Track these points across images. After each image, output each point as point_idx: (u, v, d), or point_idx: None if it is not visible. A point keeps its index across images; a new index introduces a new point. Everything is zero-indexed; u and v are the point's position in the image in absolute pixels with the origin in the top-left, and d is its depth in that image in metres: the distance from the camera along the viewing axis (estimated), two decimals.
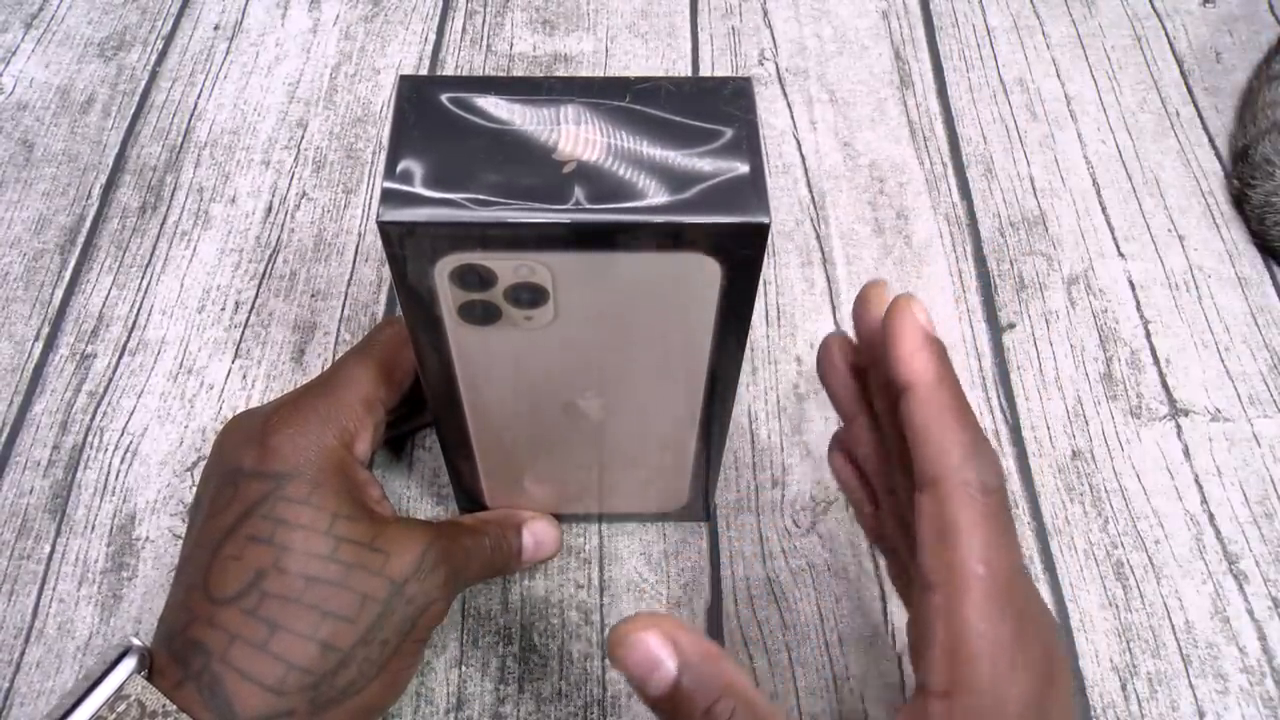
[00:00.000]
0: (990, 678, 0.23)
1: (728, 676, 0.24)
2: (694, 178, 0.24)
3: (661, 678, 0.24)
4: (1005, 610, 0.23)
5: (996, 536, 0.23)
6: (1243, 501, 0.39)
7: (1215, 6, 0.56)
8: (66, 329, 0.43)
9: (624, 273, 0.25)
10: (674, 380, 0.29)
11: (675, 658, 0.24)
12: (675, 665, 0.24)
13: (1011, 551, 0.24)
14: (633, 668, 0.24)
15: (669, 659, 0.24)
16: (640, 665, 0.24)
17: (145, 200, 0.47)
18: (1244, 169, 0.47)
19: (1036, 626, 0.24)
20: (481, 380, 0.29)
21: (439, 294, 0.25)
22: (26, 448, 0.40)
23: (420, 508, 0.38)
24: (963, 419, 0.24)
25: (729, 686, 0.24)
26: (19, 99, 0.51)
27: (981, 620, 0.23)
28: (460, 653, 0.35)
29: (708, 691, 0.24)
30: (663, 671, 0.24)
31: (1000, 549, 0.23)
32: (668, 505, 0.37)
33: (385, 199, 0.24)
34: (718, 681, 0.24)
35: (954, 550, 0.23)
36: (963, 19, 0.56)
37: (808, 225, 0.47)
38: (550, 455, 0.33)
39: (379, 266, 0.45)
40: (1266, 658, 0.36)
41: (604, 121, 0.25)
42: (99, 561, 0.37)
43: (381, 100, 0.51)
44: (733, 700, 0.23)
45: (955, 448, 0.24)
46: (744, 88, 0.26)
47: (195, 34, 0.54)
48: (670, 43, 0.54)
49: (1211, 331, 0.44)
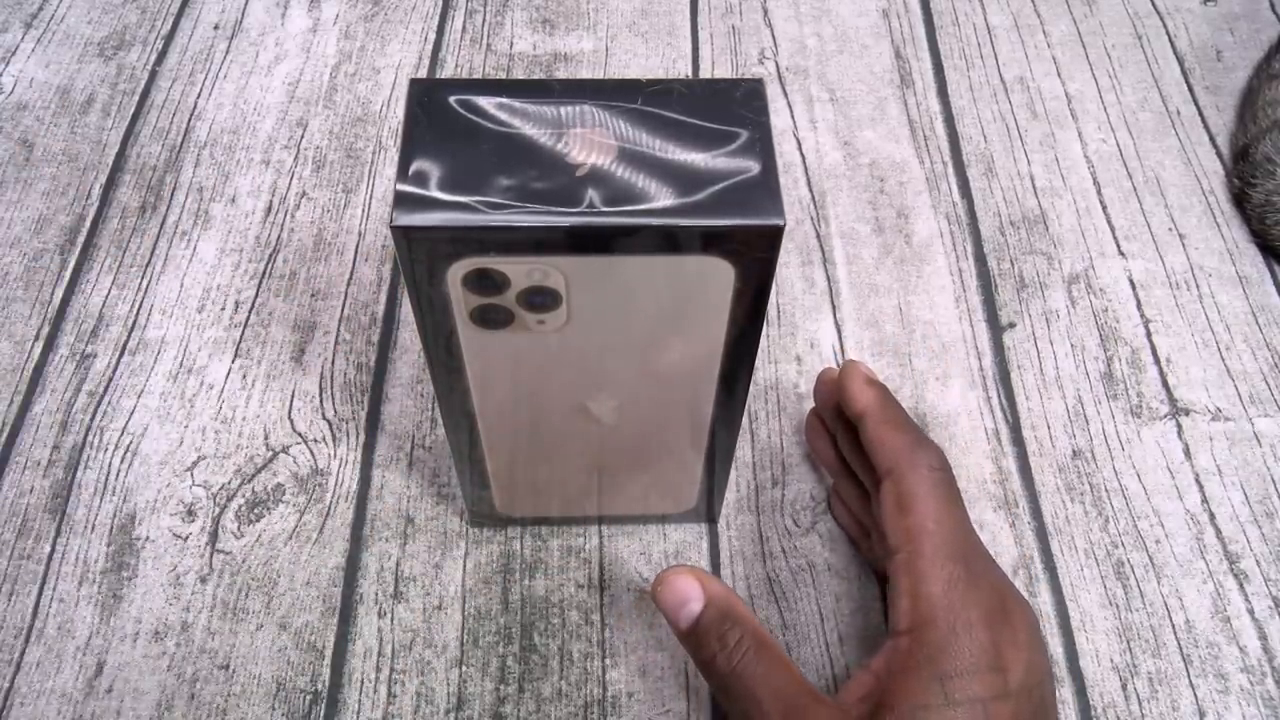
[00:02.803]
0: (945, 610, 0.27)
1: (736, 610, 0.29)
2: (707, 180, 0.24)
3: (689, 613, 0.29)
4: (954, 555, 0.28)
5: (943, 503, 0.29)
6: (1243, 501, 0.39)
7: (1216, 5, 0.56)
8: (66, 329, 0.43)
9: (637, 276, 0.25)
10: (686, 383, 0.29)
11: (702, 599, 0.29)
12: (701, 605, 0.29)
13: (956, 512, 0.30)
14: (668, 604, 0.29)
15: (696, 599, 0.29)
16: (674, 602, 0.29)
17: (145, 200, 0.47)
18: (1244, 168, 0.47)
19: (985, 566, 0.29)
20: (493, 384, 0.29)
21: (451, 298, 0.25)
22: (26, 448, 0.40)
23: (420, 507, 0.38)
24: (906, 425, 0.31)
25: (736, 617, 0.29)
26: (19, 99, 0.51)
27: (933, 565, 0.28)
28: (460, 653, 0.35)
29: (720, 622, 0.29)
30: (690, 608, 0.29)
31: (947, 512, 0.29)
32: (676, 507, 0.37)
33: (398, 203, 0.23)
34: (729, 614, 0.29)
35: (910, 515, 0.29)
36: (963, 18, 0.55)
37: (808, 225, 0.47)
38: (561, 458, 0.33)
39: (379, 266, 0.45)
40: (1267, 657, 0.36)
41: (616, 124, 0.25)
42: (99, 561, 0.37)
43: (381, 100, 0.51)
44: (739, 629, 0.28)
45: (903, 443, 0.31)
46: (756, 89, 0.26)
47: (195, 33, 0.54)
48: (670, 42, 0.54)
49: (1212, 331, 0.44)
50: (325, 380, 0.42)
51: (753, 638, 0.28)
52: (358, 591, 0.37)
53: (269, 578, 0.37)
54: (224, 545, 0.37)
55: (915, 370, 0.42)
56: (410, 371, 0.42)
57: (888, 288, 0.45)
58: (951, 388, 0.42)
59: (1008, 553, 0.38)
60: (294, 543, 0.38)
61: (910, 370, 0.42)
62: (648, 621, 0.36)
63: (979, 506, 0.39)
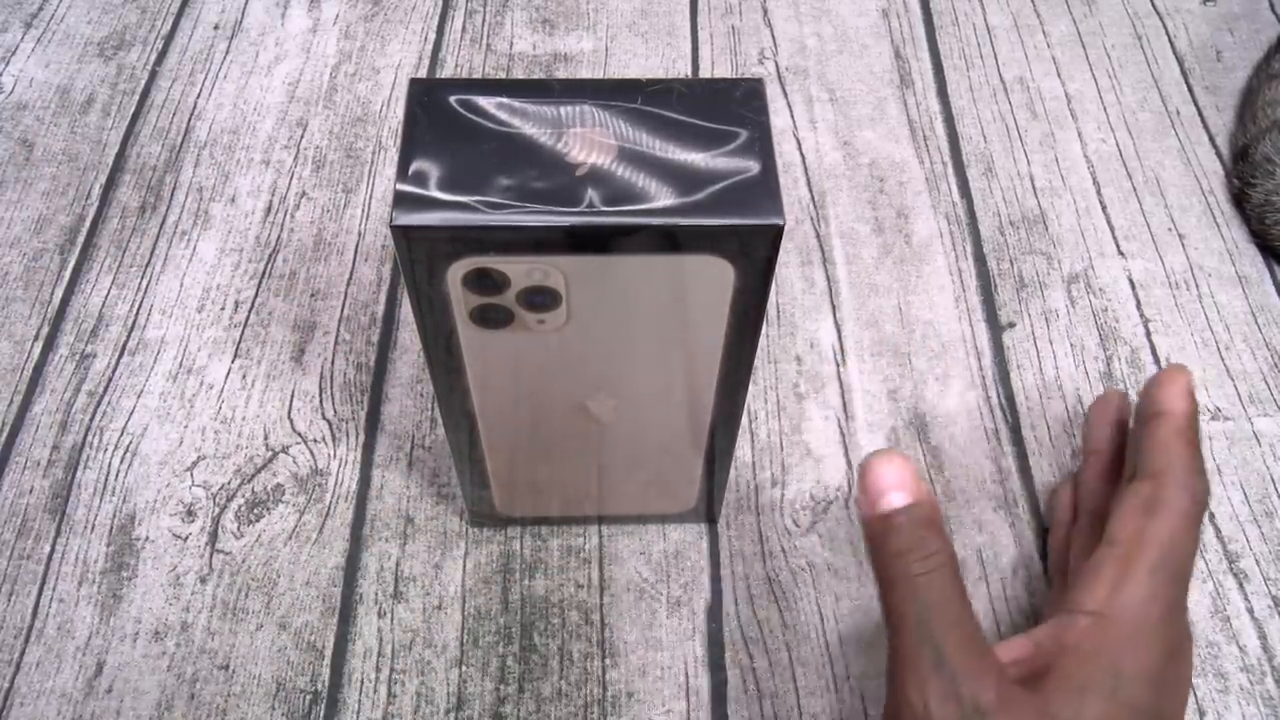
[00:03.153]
0: (1141, 617, 0.27)
1: (940, 525, 0.27)
2: (707, 180, 0.24)
3: (892, 500, 0.27)
4: (1171, 580, 0.28)
5: (1187, 532, 0.29)
6: (1243, 500, 0.39)
7: (1216, 5, 0.56)
8: (66, 329, 0.43)
9: (637, 275, 0.25)
10: (686, 382, 0.29)
11: (913, 494, 0.27)
12: (907, 499, 0.27)
13: (1191, 548, 0.29)
14: (876, 480, 0.27)
15: (907, 490, 0.27)
16: (885, 481, 0.27)
17: (145, 200, 0.47)
18: (1244, 168, 0.47)
19: (1184, 607, 0.29)
20: (493, 383, 0.29)
21: (451, 298, 0.25)
22: (26, 448, 0.40)
23: (420, 507, 0.39)
24: (1198, 450, 0.30)
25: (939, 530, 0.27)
26: (19, 99, 0.51)
27: (1150, 575, 0.28)
28: (460, 653, 0.35)
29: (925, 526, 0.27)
30: (896, 496, 0.27)
31: (1186, 541, 0.29)
32: (676, 507, 0.37)
33: (398, 202, 0.23)
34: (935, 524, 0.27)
35: (1154, 521, 0.28)
36: (963, 18, 0.55)
37: (808, 225, 0.47)
38: (561, 457, 0.33)
39: (379, 266, 0.45)
40: (1266, 657, 0.36)
41: (616, 124, 0.25)
42: (99, 561, 0.37)
43: (381, 100, 0.51)
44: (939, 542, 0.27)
45: (1187, 460, 0.30)
46: (756, 89, 0.26)
47: (195, 33, 0.54)
48: (670, 42, 0.54)
49: (1212, 330, 0.44)
50: (325, 380, 0.42)
51: (949, 558, 0.27)
52: (358, 591, 0.37)
53: (269, 578, 0.37)
54: (224, 545, 0.37)
55: (915, 370, 0.42)
56: (410, 371, 0.42)
57: (887, 288, 0.45)
58: (951, 388, 0.42)
59: (1007, 553, 0.38)
60: (294, 543, 0.38)
61: (910, 370, 0.42)
62: (647, 621, 0.36)
63: (979, 506, 0.39)
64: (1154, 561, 0.28)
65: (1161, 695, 0.27)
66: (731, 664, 0.35)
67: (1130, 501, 0.29)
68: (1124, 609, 0.27)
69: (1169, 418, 0.31)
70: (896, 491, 0.27)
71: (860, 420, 0.41)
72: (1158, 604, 0.27)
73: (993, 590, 0.37)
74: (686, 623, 0.36)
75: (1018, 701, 0.25)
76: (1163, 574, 0.28)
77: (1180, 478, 0.29)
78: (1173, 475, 0.29)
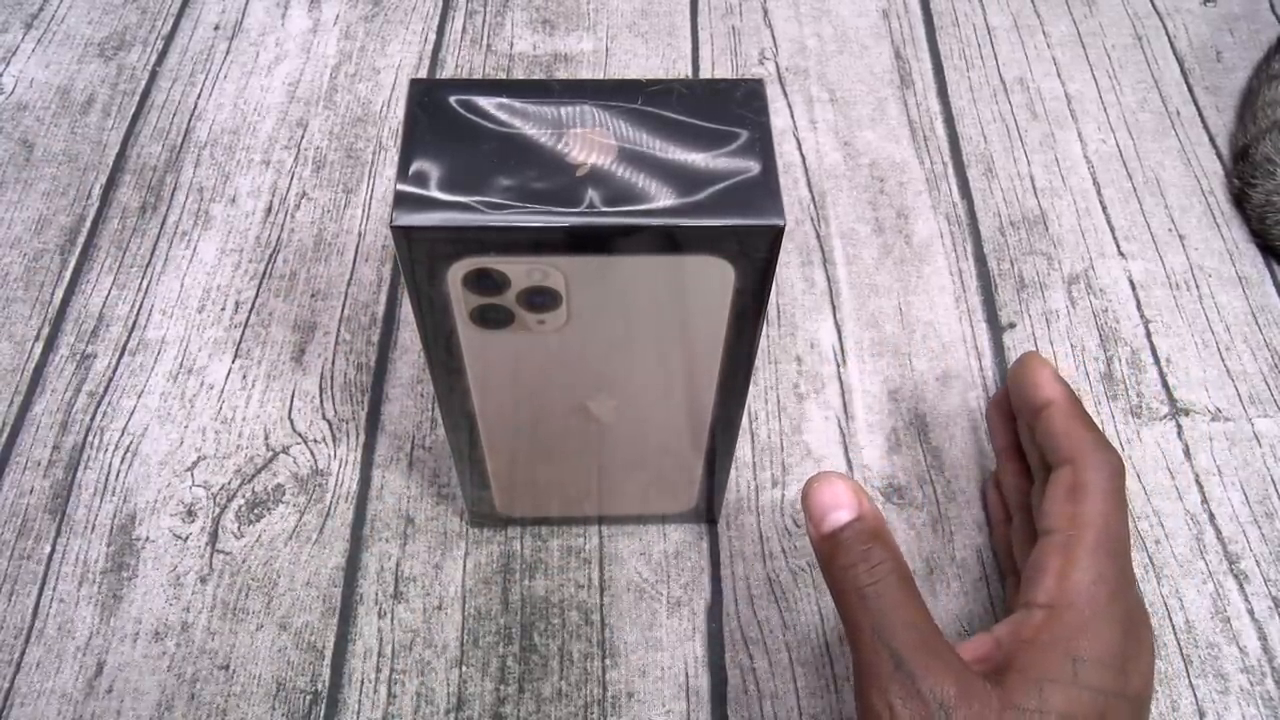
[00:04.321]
0: (1090, 599, 0.28)
1: (885, 535, 0.28)
2: (707, 180, 0.24)
3: (835, 519, 0.28)
4: (1112, 555, 0.29)
5: (1114, 504, 0.30)
6: (1243, 501, 0.39)
7: (1216, 5, 0.56)
8: (66, 329, 0.43)
9: (637, 275, 0.25)
10: (686, 383, 0.29)
11: (855, 510, 0.28)
12: (851, 515, 0.28)
13: (1123, 517, 0.30)
14: (819, 503, 0.28)
15: (848, 508, 0.28)
16: (826, 502, 0.28)
17: (145, 200, 0.47)
18: (1244, 168, 0.47)
19: (1131, 578, 0.30)
20: (493, 384, 0.29)
21: (451, 298, 0.25)
22: (26, 448, 0.40)
23: (420, 508, 0.39)
24: (1091, 423, 0.32)
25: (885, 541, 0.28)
26: (19, 99, 0.51)
27: (1091, 556, 0.28)
28: (460, 653, 0.35)
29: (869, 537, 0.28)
30: (838, 515, 0.28)
31: (1116, 513, 0.30)
32: (676, 507, 0.37)
33: (398, 203, 0.23)
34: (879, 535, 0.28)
35: (1080, 504, 0.29)
36: (963, 18, 0.55)
37: (808, 225, 0.47)
38: (561, 458, 0.33)
39: (379, 266, 0.45)
40: (1267, 658, 0.36)
41: (616, 124, 0.25)
42: (99, 561, 0.37)
43: (381, 100, 0.51)
44: (885, 552, 0.27)
45: (1088, 437, 0.31)
46: (756, 89, 0.26)
47: (195, 34, 0.54)
48: (670, 42, 0.54)
49: (1212, 331, 0.44)
50: (325, 380, 0.42)
51: (896, 565, 0.27)
52: (358, 592, 0.37)
53: (269, 578, 0.37)
54: (224, 545, 0.37)
55: (915, 370, 0.42)
56: (410, 371, 0.42)
57: (888, 288, 0.45)
58: (951, 388, 0.42)
59: None
60: (294, 543, 0.38)
61: (910, 370, 0.42)
62: (648, 622, 0.36)
63: (979, 507, 0.39)
64: (1091, 543, 0.29)
65: (1124, 672, 0.27)
66: (731, 664, 0.35)
67: (1054, 491, 0.30)
68: (1073, 596, 0.28)
69: (1056, 405, 0.32)
70: (839, 510, 0.28)
71: (860, 421, 0.41)
72: (1104, 584, 0.28)
73: (993, 590, 0.37)
74: (686, 623, 0.36)
75: (981, 694, 0.26)
76: (1102, 553, 0.29)
77: (1092, 458, 0.30)
78: (1085, 457, 0.30)
